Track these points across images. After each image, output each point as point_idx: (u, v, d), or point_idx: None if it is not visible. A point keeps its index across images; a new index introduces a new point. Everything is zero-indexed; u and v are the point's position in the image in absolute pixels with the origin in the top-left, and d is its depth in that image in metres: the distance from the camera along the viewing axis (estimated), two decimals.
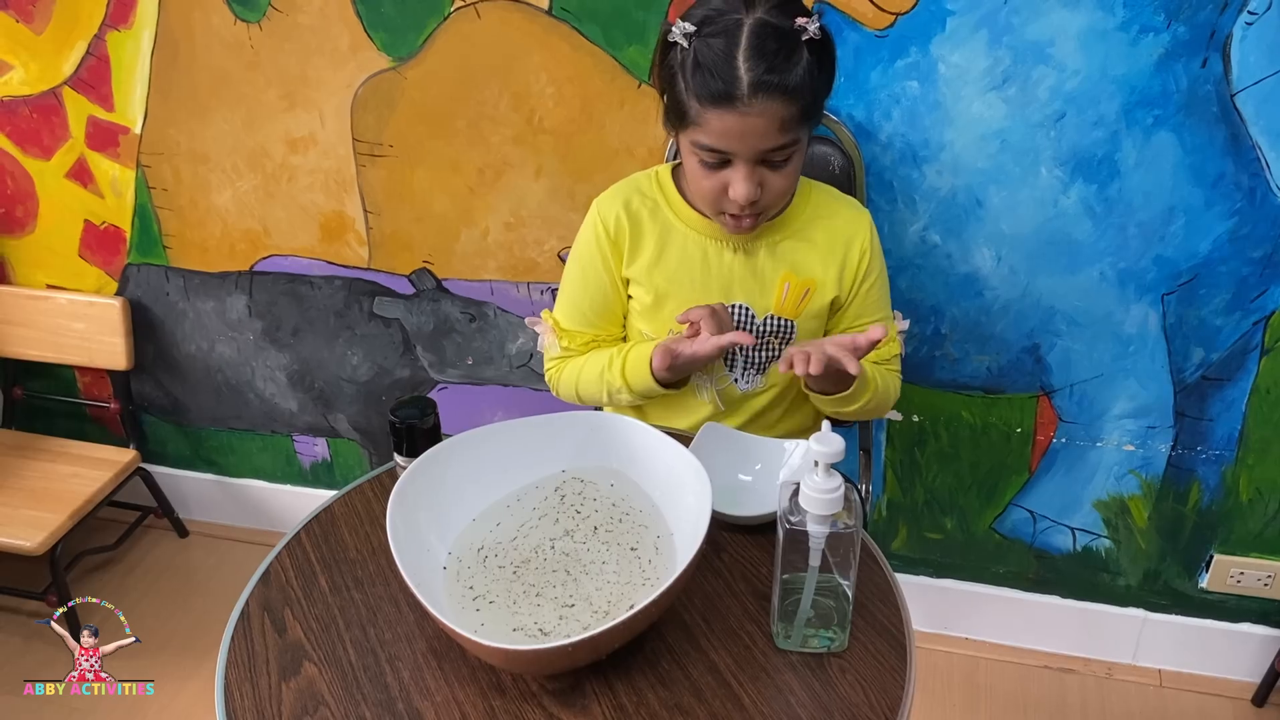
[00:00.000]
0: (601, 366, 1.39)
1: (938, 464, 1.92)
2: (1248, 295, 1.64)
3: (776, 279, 1.36)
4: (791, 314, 1.38)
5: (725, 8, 1.19)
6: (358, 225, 1.94)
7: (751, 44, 1.16)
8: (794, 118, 1.19)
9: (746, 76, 1.16)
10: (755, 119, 1.18)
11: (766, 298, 1.37)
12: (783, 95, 1.17)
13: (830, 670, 1.04)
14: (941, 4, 1.53)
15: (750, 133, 1.19)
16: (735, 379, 1.42)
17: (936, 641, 2.09)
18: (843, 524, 0.99)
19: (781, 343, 1.39)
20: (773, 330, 1.38)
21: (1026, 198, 1.63)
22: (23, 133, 2.00)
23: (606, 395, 1.40)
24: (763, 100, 1.17)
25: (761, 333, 1.38)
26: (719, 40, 1.17)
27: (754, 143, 1.20)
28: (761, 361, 1.41)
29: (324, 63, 1.79)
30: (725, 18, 1.18)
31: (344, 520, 1.23)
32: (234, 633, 1.08)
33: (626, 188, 1.40)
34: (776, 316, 1.38)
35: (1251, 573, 1.87)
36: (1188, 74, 1.50)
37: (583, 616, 1.04)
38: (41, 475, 2.12)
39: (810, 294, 1.37)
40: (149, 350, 2.20)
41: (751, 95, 1.16)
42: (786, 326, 1.38)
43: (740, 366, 1.41)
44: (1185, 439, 1.79)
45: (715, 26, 1.18)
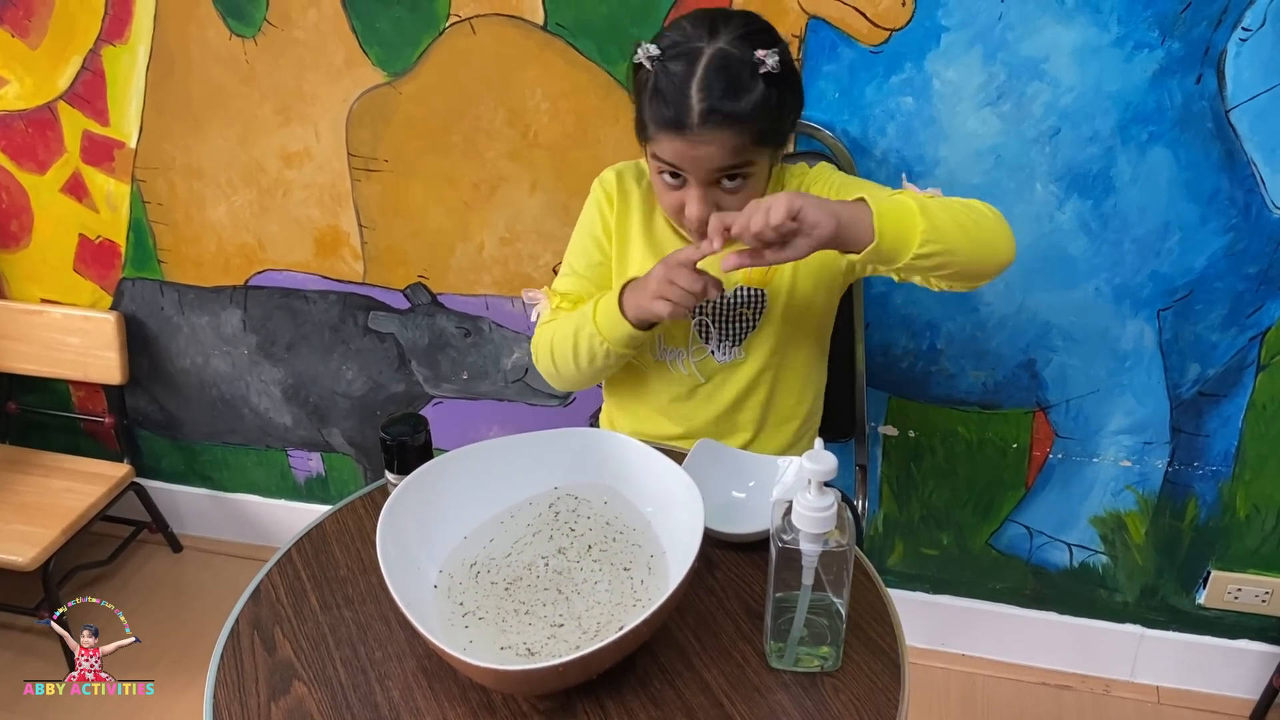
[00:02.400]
0: (576, 316, 1.38)
1: (934, 480, 1.92)
2: (1244, 311, 1.64)
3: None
4: (760, 280, 1.38)
5: (690, 34, 1.22)
6: (353, 240, 1.94)
7: (706, 74, 1.19)
8: (746, 143, 1.22)
9: (697, 106, 1.19)
10: (705, 146, 1.21)
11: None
12: (732, 124, 1.19)
13: (824, 690, 1.03)
14: (936, 20, 1.53)
15: (701, 158, 1.22)
16: (712, 350, 1.43)
17: (933, 658, 2.08)
18: (836, 542, 0.99)
19: (755, 314, 1.40)
20: (744, 301, 1.39)
21: (1021, 213, 1.63)
22: (18, 147, 2.00)
23: (574, 345, 1.37)
24: (711, 130, 1.19)
25: (732, 304, 1.39)
26: (678, 66, 1.20)
27: (705, 165, 1.23)
28: (737, 333, 1.42)
29: (319, 78, 1.79)
30: (688, 45, 1.21)
31: (335, 537, 1.22)
32: (223, 651, 1.08)
33: (629, 167, 1.45)
34: (746, 287, 1.38)
35: (1249, 589, 1.87)
36: (1182, 90, 1.50)
37: (571, 637, 1.03)
38: (35, 490, 2.11)
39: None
40: (143, 365, 2.20)
41: (701, 124, 1.19)
42: (757, 295, 1.39)
43: (716, 339, 1.42)
44: (1182, 455, 1.78)
45: (677, 51, 1.21)
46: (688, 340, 1.43)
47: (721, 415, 1.45)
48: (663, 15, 1.61)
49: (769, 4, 1.56)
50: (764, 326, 1.41)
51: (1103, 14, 1.47)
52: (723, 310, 1.40)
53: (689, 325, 1.41)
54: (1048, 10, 1.49)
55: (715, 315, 1.40)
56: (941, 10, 1.52)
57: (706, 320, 1.41)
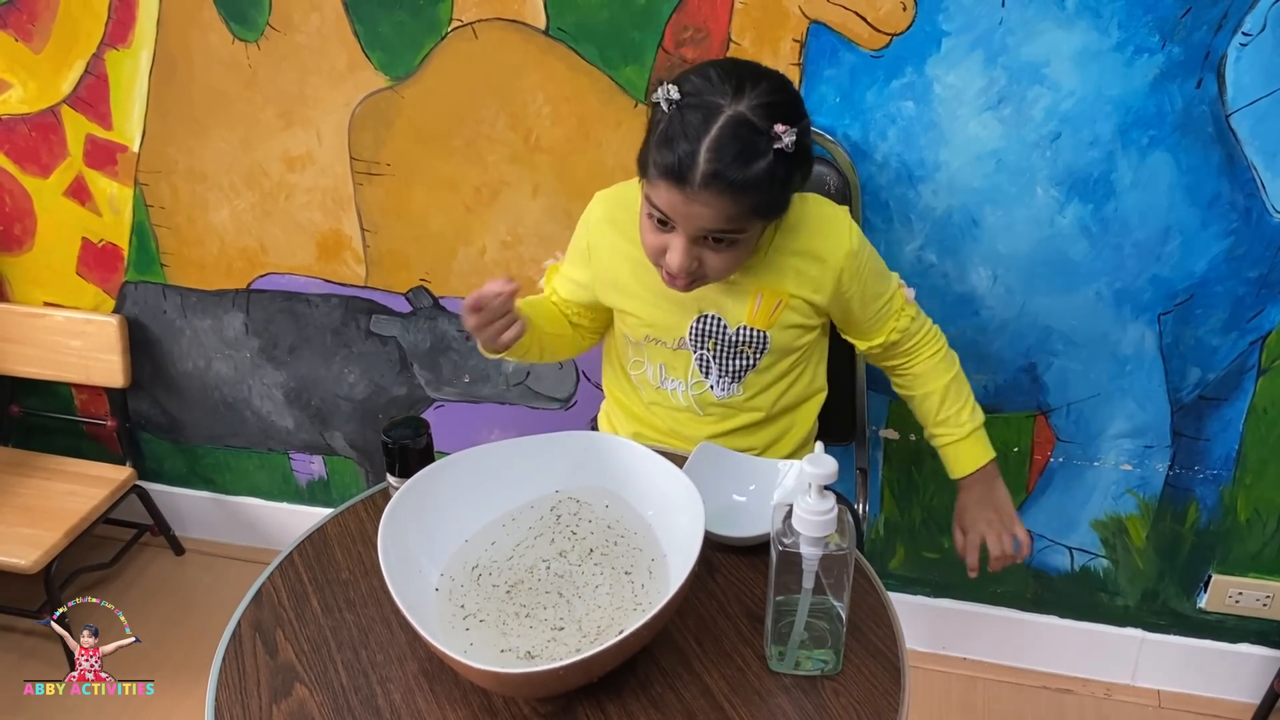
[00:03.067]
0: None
1: (935, 483, 1.92)
2: (1244, 315, 1.64)
3: (749, 290, 1.35)
4: (764, 325, 1.37)
5: (715, 87, 1.18)
6: (355, 243, 1.94)
7: (720, 136, 1.15)
8: (741, 213, 1.19)
9: (702, 167, 1.15)
10: (700, 206, 1.18)
11: (739, 308, 1.36)
12: (732, 193, 1.16)
13: (824, 693, 1.03)
14: (937, 25, 1.53)
15: (693, 215, 1.19)
16: (711, 385, 1.43)
17: (934, 661, 2.08)
18: (836, 546, 0.99)
19: (755, 352, 1.39)
20: (745, 340, 1.38)
21: (1022, 217, 1.63)
22: (21, 151, 2.01)
23: None
24: (711, 193, 1.16)
25: (734, 342, 1.39)
26: (695, 117, 1.16)
27: (696, 223, 1.20)
28: (736, 370, 1.41)
29: (321, 82, 1.80)
30: (709, 99, 1.17)
31: (337, 540, 1.23)
32: (225, 653, 1.08)
33: (621, 192, 1.42)
34: (748, 327, 1.38)
35: (1250, 593, 1.87)
36: (1183, 94, 1.51)
37: (571, 640, 1.03)
38: (38, 493, 2.12)
39: (782, 305, 1.36)
40: (146, 368, 2.20)
41: (702, 185, 1.16)
42: (759, 337, 1.38)
43: (715, 375, 1.42)
44: (1183, 459, 1.79)
45: (697, 103, 1.17)
46: (687, 374, 1.42)
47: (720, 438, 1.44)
48: (664, 20, 1.61)
49: (770, 10, 1.56)
50: (765, 368, 1.41)
51: (1103, 19, 1.48)
52: (724, 348, 1.39)
53: (690, 358, 1.41)
54: (1048, 15, 1.49)
55: (716, 352, 1.39)
56: (942, 15, 1.52)
57: (708, 355, 1.40)
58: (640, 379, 1.47)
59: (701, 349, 1.40)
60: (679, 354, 1.41)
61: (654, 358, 1.44)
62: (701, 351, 1.40)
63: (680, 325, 1.38)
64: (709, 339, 1.38)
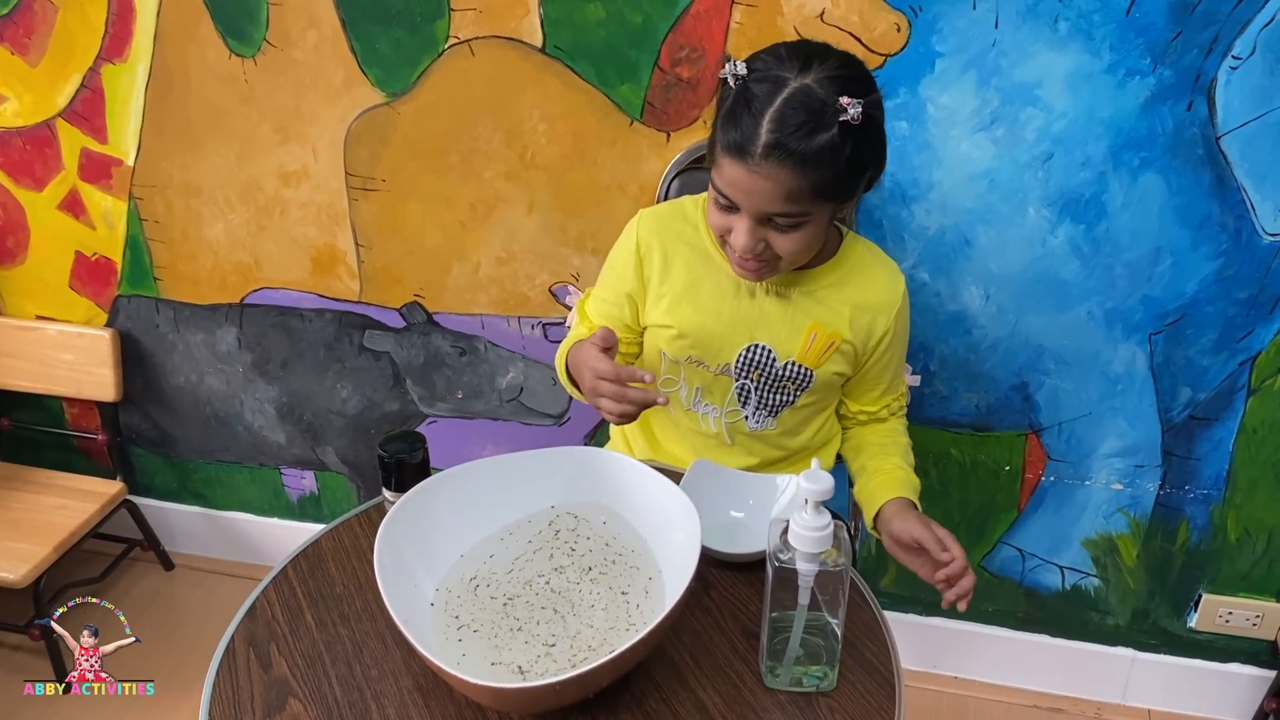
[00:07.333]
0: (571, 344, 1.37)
1: (926, 501, 1.90)
2: (1234, 335, 1.65)
3: (804, 326, 1.34)
4: (813, 364, 1.35)
5: (782, 63, 1.16)
6: (349, 259, 1.94)
7: (784, 106, 1.13)
8: (804, 191, 1.16)
9: (764, 137, 1.13)
10: (762, 180, 1.15)
11: (791, 343, 1.34)
12: (794, 165, 1.14)
13: (819, 709, 1.04)
14: (930, 46, 1.55)
15: (755, 191, 1.17)
16: (746, 416, 1.41)
17: (926, 680, 2.08)
18: (832, 562, 0.99)
19: (797, 389, 1.37)
20: (790, 376, 1.36)
21: (1014, 237, 1.65)
22: (15, 164, 2.01)
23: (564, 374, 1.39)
24: (773, 164, 1.14)
25: (780, 377, 1.36)
26: (761, 89, 1.15)
27: (758, 202, 1.18)
28: (774, 405, 1.39)
29: (318, 98, 1.80)
30: (775, 72, 1.15)
31: (331, 555, 1.22)
32: (219, 668, 1.08)
33: (671, 211, 1.40)
34: (797, 363, 1.35)
35: (1240, 612, 1.87)
36: (1173, 117, 1.52)
37: (563, 657, 1.03)
38: (27, 507, 2.11)
39: (834, 347, 1.34)
40: (138, 382, 2.20)
41: (764, 156, 1.14)
42: (805, 374, 1.36)
43: (753, 405, 1.40)
44: (1173, 478, 1.79)
45: (762, 76, 1.16)
46: (724, 400, 1.40)
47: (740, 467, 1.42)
48: (660, 39, 1.62)
49: (765, 29, 1.57)
50: (801, 405, 1.40)
51: (1095, 41, 1.49)
52: (768, 380, 1.37)
53: (730, 386, 1.38)
54: (1040, 37, 1.50)
55: (759, 383, 1.37)
56: (936, 36, 1.54)
57: (750, 386, 1.38)
58: (671, 397, 1.43)
59: (745, 379, 1.37)
60: (719, 380, 1.38)
61: (691, 379, 1.40)
62: (744, 381, 1.37)
63: (728, 351, 1.36)
64: (755, 369, 1.36)
